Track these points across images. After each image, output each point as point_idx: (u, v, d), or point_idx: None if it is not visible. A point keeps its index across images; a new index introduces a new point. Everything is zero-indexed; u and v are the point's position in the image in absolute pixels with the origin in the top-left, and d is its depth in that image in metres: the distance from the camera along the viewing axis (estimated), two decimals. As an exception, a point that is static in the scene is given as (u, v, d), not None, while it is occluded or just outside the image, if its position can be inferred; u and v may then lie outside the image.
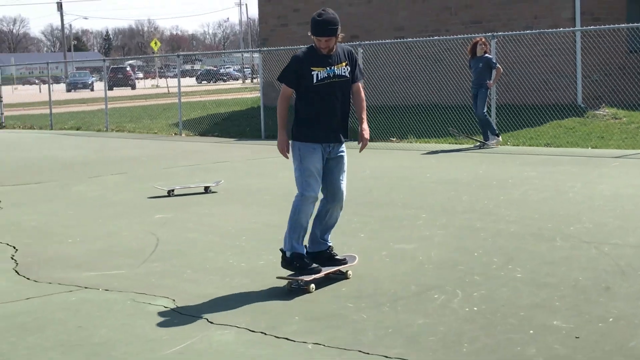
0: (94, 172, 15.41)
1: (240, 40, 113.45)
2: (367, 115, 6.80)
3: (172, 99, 37.33)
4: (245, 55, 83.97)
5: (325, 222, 6.73)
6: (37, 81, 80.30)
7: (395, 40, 21.92)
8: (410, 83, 22.02)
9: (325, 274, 6.61)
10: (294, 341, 5.50)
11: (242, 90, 51.11)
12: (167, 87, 56.30)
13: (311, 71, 6.29)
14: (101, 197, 12.33)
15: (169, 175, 14.44)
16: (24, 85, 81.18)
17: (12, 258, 8.47)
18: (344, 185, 6.67)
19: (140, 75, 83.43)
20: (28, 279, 7.60)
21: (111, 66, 64.25)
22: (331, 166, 6.62)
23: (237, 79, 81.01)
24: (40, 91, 61.38)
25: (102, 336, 5.81)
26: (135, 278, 7.41)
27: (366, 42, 21.32)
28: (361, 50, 19.44)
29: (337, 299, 6.41)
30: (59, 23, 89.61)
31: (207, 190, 12.21)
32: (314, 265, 6.53)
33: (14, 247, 8.94)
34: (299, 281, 6.42)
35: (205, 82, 75.03)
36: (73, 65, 76.37)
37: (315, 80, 6.29)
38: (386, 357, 5.15)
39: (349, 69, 6.48)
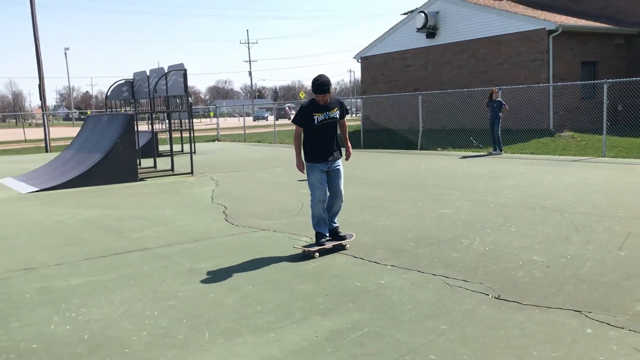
0: (268, 166, 15.73)
1: (349, 91, 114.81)
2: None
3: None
4: (353, 100, 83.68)
5: (332, 211, 6.20)
6: (237, 115, 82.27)
7: (441, 91, 21.59)
8: (449, 115, 21.76)
9: (331, 246, 6.08)
10: (379, 263, 5.61)
11: (350, 120, 51.14)
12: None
13: (313, 116, 5.85)
14: (272, 180, 12.60)
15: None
16: (230, 117, 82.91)
17: (224, 212, 8.79)
18: (341, 186, 6.11)
19: (293, 112, 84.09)
20: (232, 223, 7.89)
21: (277, 107, 65.10)
22: (332, 176, 6.06)
23: (348, 114, 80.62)
24: (238, 121, 62.66)
25: (272, 256, 6.06)
26: (290, 225, 7.61)
27: (424, 92, 21.10)
28: (420, 97, 19.23)
29: (404, 241, 6.47)
30: (249, 82, 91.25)
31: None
32: (323, 240, 6.05)
33: (225, 206, 9.28)
34: (308, 251, 5.93)
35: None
36: (256, 107, 77.53)
37: (316, 122, 5.86)
38: (433, 274, 5.21)
39: (339, 112, 6.00)
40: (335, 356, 3.61)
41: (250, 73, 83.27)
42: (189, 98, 15.55)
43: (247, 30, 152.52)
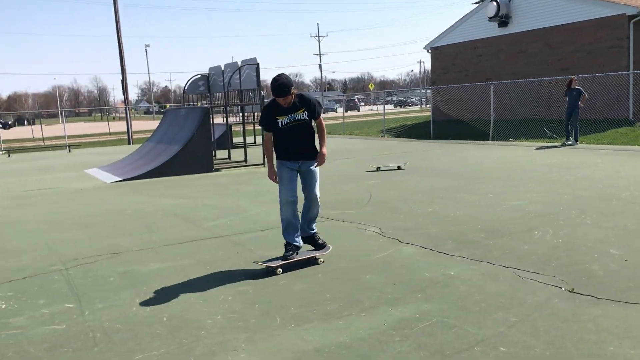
0: (336, 157, 15.73)
1: (419, 82, 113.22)
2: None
3: (379, 117, 37.45)
4: (422, 91, 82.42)
5: (307, 216, 5.51)
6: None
7: (513, 81, 20.89)
8: (521, 105, 21.03)
9: (295, 261, 5.32)
10: (449, 254, 5.52)
11: (419, 111, 50.40)
12: (377, 110, 56.37)
13: (276, 119, 5.19)
14: (340, 171, 12.63)
15: (377, 159, 14.60)
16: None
17: (293, 202, 8.86)
18: (316, 190, 5.41)
19: (362, 103, 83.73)
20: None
21: (346, 99, 65.02)
22: (305, 178, 5.41)
23: (417, 105, 79.58)
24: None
25: (341, 246, 6.06)
26: (358, 215, 7.60)
27: (495, 82, 20.49)
28: (492, 87, 18.67)
29: (474, 232, 6.33)
30: (319, 75, 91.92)
31: (398, 168, 12.25)
32: (289, 253, 5.32)
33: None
34: (269, 267, 5.20)
35: (399, 107, 74.42)
36: (326, 99, 77.79)
37: (280, 125, 5.20)
38: (504, 266, 5.08)
39: (307, 112, 5.21)
40: (403, 345, 3.59)
41: (320, 66, 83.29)
42: (261, 91, 15.79)
43: (318, 23, 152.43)
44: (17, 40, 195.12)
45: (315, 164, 5.38)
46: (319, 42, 79.85)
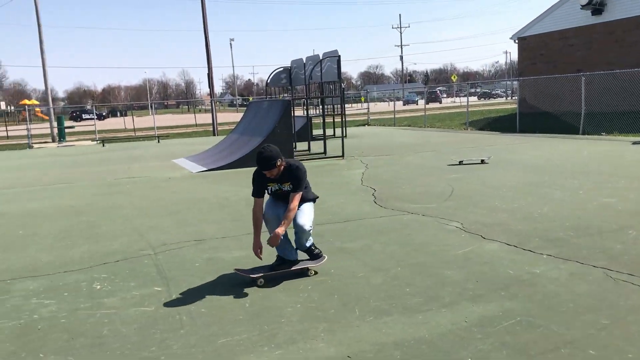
0: (417, 150, 15.56)
1: (505, 73, 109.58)
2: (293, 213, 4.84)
3: (462, 109, 36.62)
4: (508, 82, 79.66)
5: (298, 244, 5.06)
6: (387, 100, 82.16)
7: (608, 72, 19.75)
8: (616, 97, 19.83)
9: (282, 272, 4.99)
10: (534, 252, 5.33)
11: (504, 103, 48.75)
12: (460, 102, 55.10)
13: (267, 185, 4.94)
14: (421, 164, 12.45)
15: (459, 152, 14.26)
16: (380, 102, 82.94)
17: (373, 195, 8.86)
18: (301, 223, 4.87)
19: (444, 95, 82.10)
20: (381, 206, 7.93)
21: (428, 90, 64.05)
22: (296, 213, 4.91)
23: (502, 97, 77.05)
24: (388, 105, 62.52)
25: (421, 240, 5.99)
26: (439, 209, 7.47)
27: (587, 73, 19.42)
28: (583, 79, 17.73)
29: (562, 230, 6.07)
30: (400, 67, 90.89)
31: (482, 161, 11.90)
32: (275, 263, 5.08)
33: (374, 189, 9.35)
34: (251, 277, 4.91)
35: (482, 99, 72.36)
36: (406, 91, 76.82)
37: (270, 192, 4.98)
38: (594, 266, 4.85)
39: (292, 187, 4.89)
40: (485, 342, 3.50)
41: (401, 57, 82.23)
42: (342, 84, 15.81)
43: (400, 14, 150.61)
44: (112, 36, 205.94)
45: (269, 238, 4.78)
46: (401, 33, 78.83)
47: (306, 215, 4.96)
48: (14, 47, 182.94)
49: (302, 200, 4.98)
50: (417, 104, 65.47)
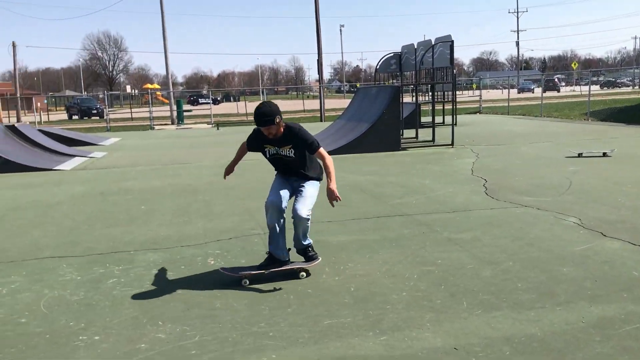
0: (532, 140, 14.87)
1: (632, 60, 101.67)
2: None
3: (582, 98, 34.48)
4: (636, 70, 73.73)
5: (295, 233, 4.70)
6: (500, 87, 78.93)
7: None
8: None
9: (270, 272, 4.64)
10: (663, 253, 4.90)
11: (631, 93, 45.20)
12: (580, 91, 51.84)
13: (264, 147, 4.65)
14: (537, 154, 11.90)
15: (579, 144, 13.44)
16: (492, 90, 79.79)
17: (484, 185, 8.60)
18: (302, 206, 4.51)
19: (563, 83, 77.40)
20: (492, 197, 7.68)
21: (545, 78, 60.85)
22: (295, 195, 4.65)
23: (629, 86, 71.50)
24: (502, 93, 59.73)
25: (534, 235, 5.75)
26: (555, 203, 7.11)
27: None
28: None
29: (697, 230, 5.53)
30: (515, 53, 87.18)
31: (604, 155, 11.14)
32: (263, 264, 4.72)
33: (485, 179, 9.07)
34: (238, 275, 4.64)
35: (606, 88, 67.55)
36: (522, 78, 73.35)
37: (267, 155, 4.69)
38: None
39: (294, 150, 4.57)
40: (604, 346, 3.29)
41: (517, 43, 78.56)
42: (454, 70, 15.38)
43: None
44: (227, 24, 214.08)
45: (329, 198, 4.53)
46: (517, 18, 75.34)
47: (307, 199, 4.61)
48: (140, 34, 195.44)
49: (307, 178, 4.70)
50: (532, 92, 62.19)
